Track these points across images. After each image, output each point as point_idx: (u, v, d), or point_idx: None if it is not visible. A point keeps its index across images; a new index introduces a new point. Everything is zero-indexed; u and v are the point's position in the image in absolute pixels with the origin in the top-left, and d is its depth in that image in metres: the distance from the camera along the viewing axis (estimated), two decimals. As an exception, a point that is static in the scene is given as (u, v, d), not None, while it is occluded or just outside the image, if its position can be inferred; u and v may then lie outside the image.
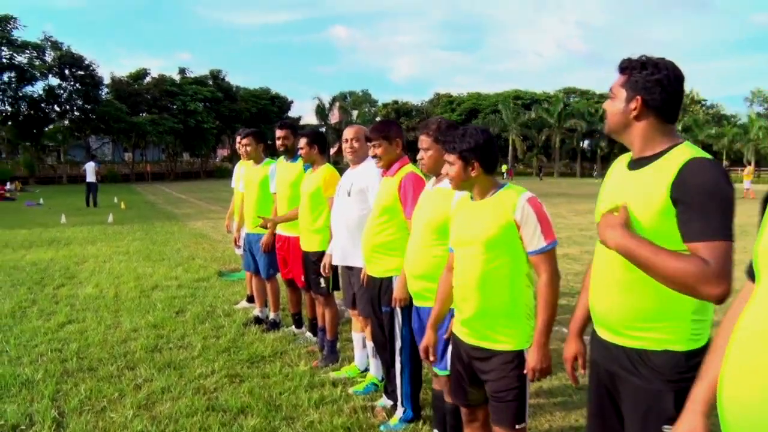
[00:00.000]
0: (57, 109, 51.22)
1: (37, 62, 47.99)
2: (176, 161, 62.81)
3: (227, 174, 62.95)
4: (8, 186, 34.25)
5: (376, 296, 4.12)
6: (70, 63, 49.14)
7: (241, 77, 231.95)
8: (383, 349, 4.24)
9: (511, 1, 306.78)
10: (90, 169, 24.13)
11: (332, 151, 58.93)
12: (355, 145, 4.66)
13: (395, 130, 4.09)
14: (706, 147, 69.92)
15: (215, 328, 6.29)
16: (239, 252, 6.72)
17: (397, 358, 4.06)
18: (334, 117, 72.93)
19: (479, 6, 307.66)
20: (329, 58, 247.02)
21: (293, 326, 6.22)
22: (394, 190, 3.95)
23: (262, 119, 64.08)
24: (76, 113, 52.07)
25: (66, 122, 52.90)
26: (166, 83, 57.41)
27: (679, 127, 70.89)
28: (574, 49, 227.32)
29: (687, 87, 2.18)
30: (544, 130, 76.32)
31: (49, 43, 48.80)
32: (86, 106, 51.27)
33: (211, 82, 62.46)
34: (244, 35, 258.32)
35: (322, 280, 5.19)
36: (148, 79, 58.43)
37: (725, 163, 64.35)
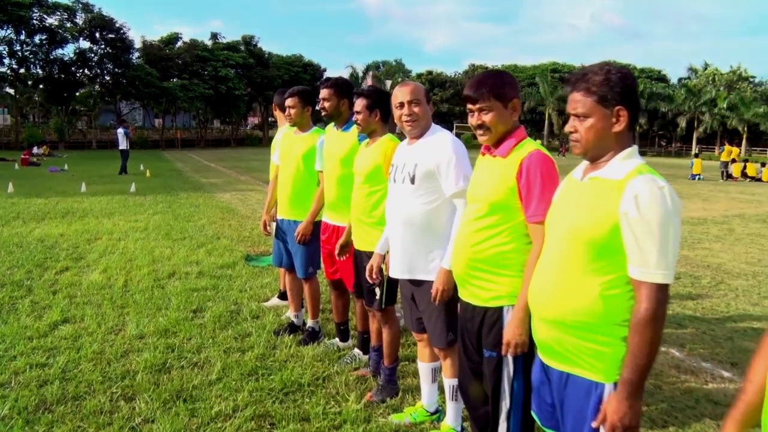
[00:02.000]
0: (88, 72, 50.43)
1: (68, 24, 47.09)
2: (206, 128, 61.91)
3: (257, 142, 62.71)
4: (35, 150, 33.58)
5: (474, 333, 2.80)
6: (101, 26, 48.16)
7: (273, 44, 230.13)
8: (480, 403, 2.94)
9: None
10: (120, 137, 23.20)
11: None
12: (416, 109, 3.37)
13: (510, 85, 2.72)
14: (752, 126, 67.00)
15: (240, 336, 5.05)
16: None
17: (502, 423, 2.75)
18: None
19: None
20: (362, 27, 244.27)
21: (337, 338, 4.95)
22: (511, 178, 2.60)
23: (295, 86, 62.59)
24: (106, 77, 51.21)
25: (96, 86, 52.11)
26: (198, 48, 56.17)
27: (724, 105, 68.61)
28: (610, 22, 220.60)
29: (734, 62, 1.82)
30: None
31: (81, 5, 47.78)
32: (117, 70, 50.35)
33: (243, 48, 61.03)
34: (276, 3, 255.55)
35: (377, 290, 3.91)
36: (179, 44, 57.24)
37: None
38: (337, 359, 4.63)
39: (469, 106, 2.73)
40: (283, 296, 6.06)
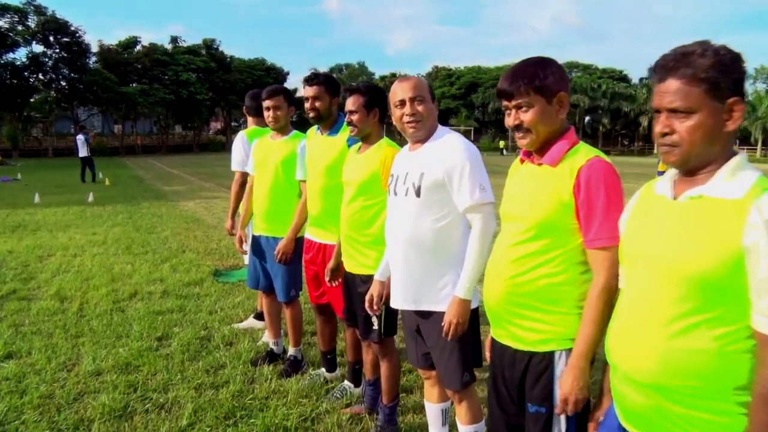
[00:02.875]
0: (42, 77, 48.83)
1: (19, 27, 45.42)
2: (168, 134, 60.46)
3: (220, 147, 61.44)
4: (-13, 159, 32.13)
5: (514, 383, 2.28)
6: (54, 29, 46.66)
7: (235, 48, 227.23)
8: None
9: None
10: (80, 143, 22.25)
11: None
12: (420, 108, 2.85)
13: (555, 75, 2.20)
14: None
15: (212, 368, 4.45)
16: (248, 259, 4.85)
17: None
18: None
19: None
20: (323, 30, 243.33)
21: (323, 369, 4.38)
22: (566, 192, 2.09)
23: (258, 91, 61.69)
24: (62, 83, 49.62)
25: (52, 92, 50.40)
26: (158, 52, 54.90)
27: (685, 104, 69.90)
28: (569, 23, 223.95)
29: None
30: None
31: (32, 8, 46.15)
32: (73, 75, 48.84)
33: (204, 52, 59.92)
34: (237, 6, 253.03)
35: (374, 320, 3.37)
36: (138, 48, 55.85)
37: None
38: (325, 393, 4.08)
39: (505, 102, 2.21)
40: (259, 317, 5.47)
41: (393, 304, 3.00)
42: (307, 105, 3.83)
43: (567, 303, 2.11)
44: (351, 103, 3.38)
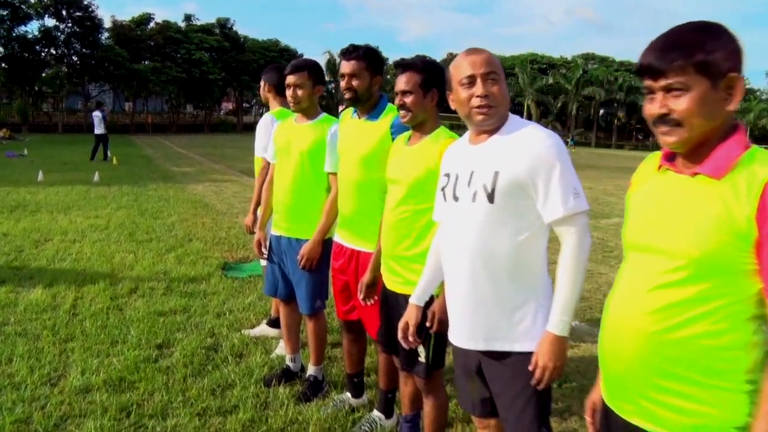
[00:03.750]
0: (54, 52, 48.24)
1: (32, 0, 44.75)
2: (179, 113, 59.82)
3: (231, 128, 60.83)
4: (-6, 133, 31.65)
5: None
6: (67, 3, 45.91)
7: (249, 28, 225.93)
8: None
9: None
10: (97, 120, 21.60)
11: (341, 108, 55.86)
12: (494, 89, 2.21)
13: (726, 48, 1.53)
14: (730, 120, 67.23)
15: (219, 388, 3.82)
16: (265, 264, 4.19)
17: None
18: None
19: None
20: (337, 15, 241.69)
21: (348, 393, 3.75)
22: (742, 217, 1.43)
23: (271, 72, 60.91)
24: (74, 58, 49.01)
25: (64, 68, 49.79)
26: (171, 30, 54.14)
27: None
28: (583, 15, 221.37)
29: None
30: (560, 96, 73.90)
31: (45, -20, 45.52)
32: (85, 50, 48.22)
33: (217, 31, 59.11)
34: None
35: (420, 350, 2.74)
36: (151, 24, 55.15)
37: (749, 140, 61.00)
38: (352, 425, 3.45)
39: (648, 83, 1.55)
40: (273, 323, 4.85)
41: (456, 342, 2.36)
42: (342, 83, 3.18)
43: (733, 375, 1.46)
44: (404, 81, 2.73)
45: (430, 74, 2.77)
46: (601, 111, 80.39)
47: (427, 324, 2.63)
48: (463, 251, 2.25)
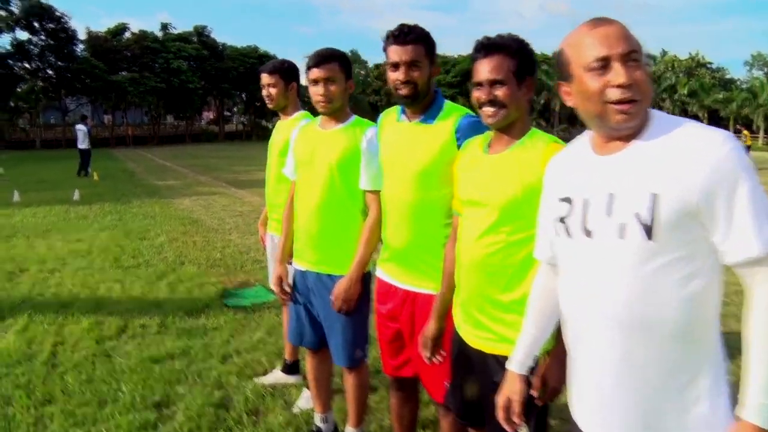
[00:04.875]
0: (28, 66, 46.91)
1: (2, 13, 43.50)
2: (159, 124, 58.61)
3: (213, 138, 59.63)
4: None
5: None
6: (39, 14, 44.67)
7: (227, 35, 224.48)
8: None
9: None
10: (81, 135, 20.68)
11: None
12: (638, 75, 1.51)
13: None
14: (712, 112, 67.34)
15: (236, 463, 3.08)
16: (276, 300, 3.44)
17: None
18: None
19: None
20: (310, 18, 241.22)
21: (398, 466, 3.01)
22: None
23: (251, 79, 59.87)
24: (49, 71, 47.74)
25: (39, 82, 48.50)
26: (148, 39, 52.98)
27: (685, 91, 68.93)
28: (558, 10, 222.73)
29: (692, 49, 1.00)
30: (543, 93, 73.72)
31: (15, -8, 44.25)
32: (60, 63, 46.99)
33: (195, 39, 58.00)
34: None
35: (523, 429, 2.03)
36: (127, 35, 53.92)
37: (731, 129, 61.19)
38: None
39: None
40: (290, 368, 4.12)
41: None
42: (395, 75, 2.47)
43: None
44: (493, 68, 2.04)
45: (526, 59, 2.10)
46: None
47: (533, 393, 1.95)
48: (605, 309, 1.55)
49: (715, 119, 68.98)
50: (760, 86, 67.42)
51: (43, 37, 45.94)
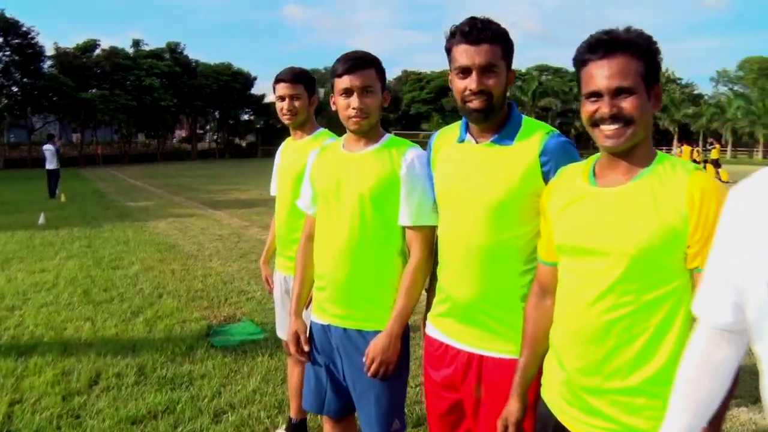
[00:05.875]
0: (-8, 82, 45.50)
1: (-37, 28, 42.20)
2: (130, 142, 57.31)
3: (186, 156, 58.35)
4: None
5: None
6: (3, 29, 43.35)
7: (200, 52, 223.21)
8: None
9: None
10: (49, 154, 19.62)
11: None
12: None
13: None
14: (683, 126, 68.44)
15: None
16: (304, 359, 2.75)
17: None
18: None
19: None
20: (286, 36, 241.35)
21: None
22: None
23: (224, 97, 59.29)
24: (14, 88, 46.33)
25: (3, 99, 47.00)
26: (119, 56, 51.82)
27: (657, 106, 70.08)
28: (530, 29, 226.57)
29: (663, 65, 1.64)
30: (518, 108, 74.30)
31: (-22, 7, 42.90)
32: (26, 79, 45.63)
33: (168, 56, 57.04)
34: (196, 12, 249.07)
35: None
36: (97, 51, 52.69)
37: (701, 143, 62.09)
38: None
39: None
40: (298, 429, 3.46)
41: None
42: (464, 83, 1.91)
43: None
44: (617, 72, 1.53)
45: (655, 61, 1.60)
46: (558, 121, 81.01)
47: None
48: None
49: (686, 133, 70.11)
50: (728, 101, 68.95)
51: (8, 53, 44.55)
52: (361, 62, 2.27)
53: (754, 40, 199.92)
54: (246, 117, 67.64)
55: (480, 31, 1.90)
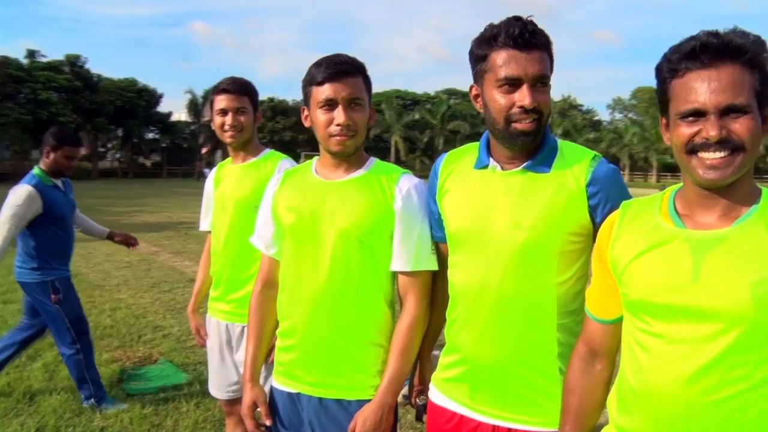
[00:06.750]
0: None
1: None
2: (24, 160, 53.58)
3: (86, 175, 55.01)
4: None
5: None
6: None
7: (103, 67, 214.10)
8: None
9: (374, 4, 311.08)
10: None
11: (204, 150, 52.94)
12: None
13: None
14: (583, 152, 72.41)
15: None
16: None
17: None
18: (207, 113, 66.79)
19: (344, 8, 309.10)
20: (192, 54, 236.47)
21: None
22: None
23: (128, 114, 56.75)
24: None
25: None
26: (11, 67, 48.55)
27: (560, 131, 73.23)
28: (435, 52, 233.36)
29: (565, 92, 1.12)
30: (426, 131, 75.58)
31: None
32: None
33: (67, 69, 54.08)
34: (97, 26, 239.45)
35: None
36: (-16, 60, 49.24)
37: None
38: None
39: None
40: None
41: None
42: (508, 99, 1.60)
43: None
44: (727, 86, 1.22)
45: (765, 68, 1.22)
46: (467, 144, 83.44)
47: None
48: None
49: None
50: (625, 128, 73.34)
51: None
52: (348, 68, 1.86)
53: (644, 70, 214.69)
54: (151, 135, 65.05)
55: (532, 35, 1.57)
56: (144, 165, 66.13)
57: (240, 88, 2.75)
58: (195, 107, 65.79)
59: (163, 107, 64.68)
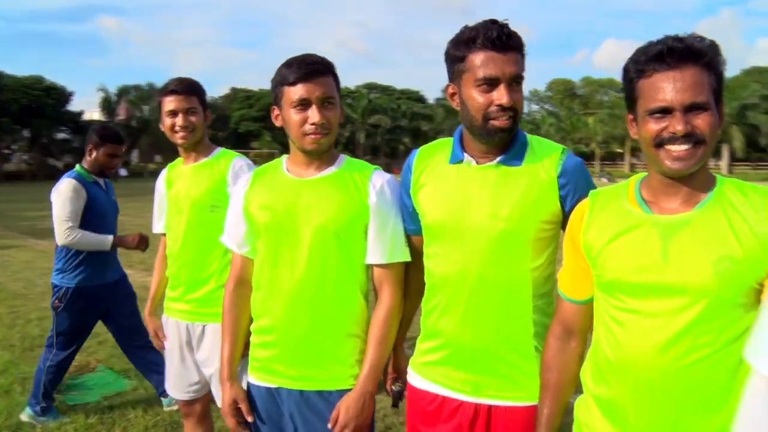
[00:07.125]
0: None
1: None
2: None
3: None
4: None
5: None
6: None
7: (6, 65, 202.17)
8: None
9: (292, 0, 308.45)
10: None
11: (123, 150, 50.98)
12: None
13: None
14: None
15: None
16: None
17: None
18: (122, 112, 64.29)
19: (262, 3, 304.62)
20: (101, 51, 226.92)
21: None
22: None
23: (36, 113, 53.85)
24: None
25: None
26: None
27: (480, 123, 75.29)
28: (354, 47, 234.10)
29: None
30: (347, 125, 75.87)
31: None
32: None
33: (-36, 67, 50.77)
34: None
35: None
36: None
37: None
38: None
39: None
40: None
41: None
42: (487, 97, 1.75)
43: None
44: (691, 86, 1.39)
45: (721, 73, 1.41)
46: (387, 137, 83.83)
47: None
48: None
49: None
50: (542, 119, 75.98)
51: None
52: (320, 68, 1.89)
53: (558, 63, 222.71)
54: (62, 136, 61.98)
55: (509, 37, 1.66)
56: (55, 167, 62.98)
57: (189, 89, 2.71)
58: (109, 105, 63.36)
59: (74, 106, 61.84)
